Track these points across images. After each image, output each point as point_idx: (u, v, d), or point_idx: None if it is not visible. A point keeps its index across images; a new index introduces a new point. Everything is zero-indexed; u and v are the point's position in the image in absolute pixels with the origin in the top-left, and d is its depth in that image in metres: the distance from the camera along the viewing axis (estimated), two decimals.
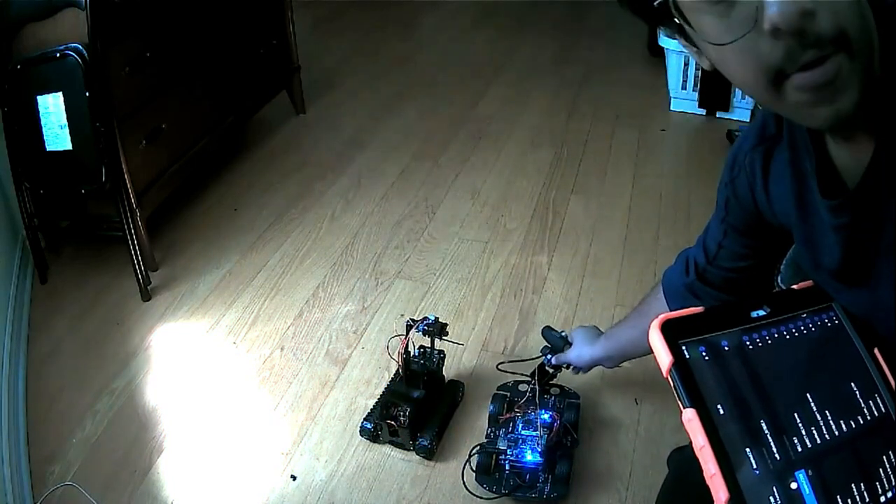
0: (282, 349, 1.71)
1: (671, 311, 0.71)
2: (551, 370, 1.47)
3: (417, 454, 1.42)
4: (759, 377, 0.60)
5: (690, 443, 0.58)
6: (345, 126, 2.75)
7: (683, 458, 1.01)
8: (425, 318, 1.46)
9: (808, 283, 0.68)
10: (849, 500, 0.57)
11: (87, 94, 1.67)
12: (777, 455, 0.57)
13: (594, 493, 1.35)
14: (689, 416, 0.57)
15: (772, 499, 0.55)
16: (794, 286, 0.67)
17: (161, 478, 1.40)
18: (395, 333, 1.66)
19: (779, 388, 0.60)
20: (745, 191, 0.82)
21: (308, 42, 3.11)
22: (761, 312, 0.64)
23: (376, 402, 1.49)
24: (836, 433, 0.59)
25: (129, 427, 1.51)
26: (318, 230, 2.14)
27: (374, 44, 3.59)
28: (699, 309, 0.63)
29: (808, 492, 0.56)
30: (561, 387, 1.51)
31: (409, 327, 1.46)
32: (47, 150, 1.72)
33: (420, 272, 1.95)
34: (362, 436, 1.46)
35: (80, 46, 1.66)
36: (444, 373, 1.54)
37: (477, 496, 1.33)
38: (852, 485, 0.57)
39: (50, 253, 1.98)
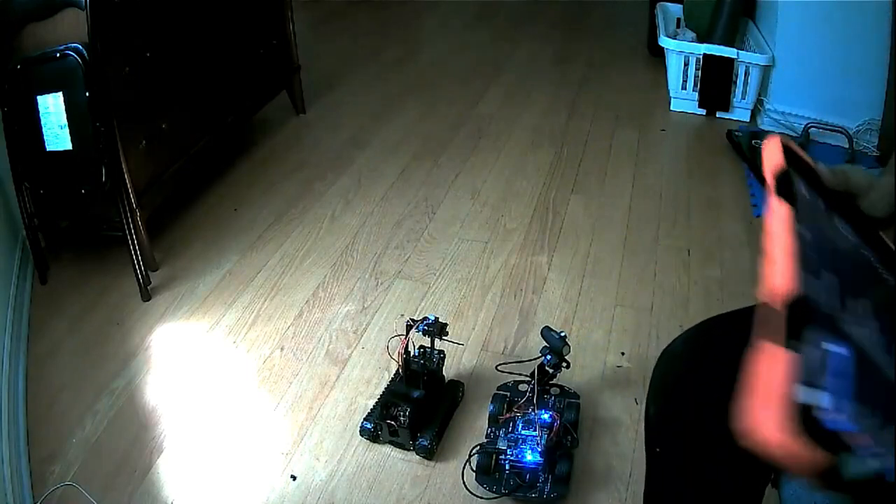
0: (282, 349, 1.71)
1: None
2: (551, 370, 1.47)
3: (417, 454, 1.42)
4: (826, 243, 0.61)
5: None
6: (345, 126, 2.75)
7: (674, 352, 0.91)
8: (425, 318, 1.46)
9: None
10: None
11: (87, 94, 1.67)
12: (831, 305, 0.55)
13: (594, 493, 1.35)
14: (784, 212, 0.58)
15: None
16: None
17: (161, 478, 1.40)
18: (395, 333, 1.66)
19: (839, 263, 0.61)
20: None
21: (308, 42, 3.11)
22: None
23: (376, 402, 1.49)
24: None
25: (129, 427, 1.51)
26: (318, 230, 2.14)
27: (374, 44, 3.59)
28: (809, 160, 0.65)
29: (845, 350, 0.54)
30: (561, 387, 1.51)
31: (409, 327, 1.46)
32: (47, 150, 1.72)
33: (420, 272, 1.95)
34: (362, 436, 1.46)
35: (80, 46, 1.66)
36: (444, 373, 1.54)
37: (477, 496, 1.33)
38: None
39: (50, 253, 1.98)
